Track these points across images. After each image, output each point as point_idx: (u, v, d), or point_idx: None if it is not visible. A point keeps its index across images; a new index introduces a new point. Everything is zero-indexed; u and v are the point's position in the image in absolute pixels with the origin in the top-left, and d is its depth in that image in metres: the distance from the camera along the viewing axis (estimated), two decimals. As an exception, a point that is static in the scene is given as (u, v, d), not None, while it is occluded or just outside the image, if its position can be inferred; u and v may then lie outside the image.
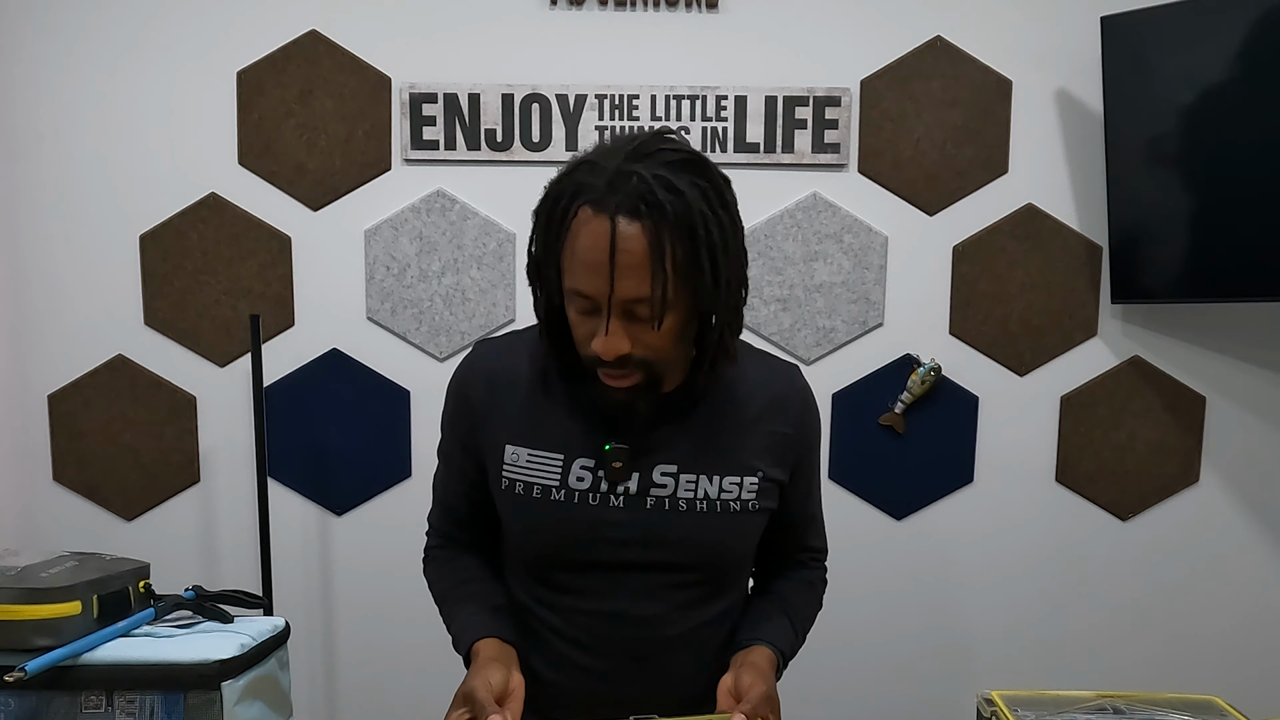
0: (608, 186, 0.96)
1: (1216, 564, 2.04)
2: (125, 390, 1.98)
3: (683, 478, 1.11)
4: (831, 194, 1.96)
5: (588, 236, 0.96)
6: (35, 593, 1.08)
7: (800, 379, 1.22)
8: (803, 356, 1.99)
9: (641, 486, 1.10)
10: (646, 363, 1.03)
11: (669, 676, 1.14)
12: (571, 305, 1.02)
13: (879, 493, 2.03)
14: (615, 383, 1.04)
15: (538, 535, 1.12)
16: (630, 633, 1.12)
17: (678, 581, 1.13)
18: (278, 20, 1.92)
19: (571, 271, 0.99)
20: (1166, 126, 1.81)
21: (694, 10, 1.93)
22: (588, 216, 0.96)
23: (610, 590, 1.12)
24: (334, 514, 2.03)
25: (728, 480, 1.12)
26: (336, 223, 1.97)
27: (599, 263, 0.95)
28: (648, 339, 1.00)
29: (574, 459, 1.11)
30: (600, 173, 0.97)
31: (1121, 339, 1.99)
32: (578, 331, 1.03)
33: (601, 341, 0.99)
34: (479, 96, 1.93)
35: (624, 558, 1.11)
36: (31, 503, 2.01)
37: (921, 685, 2.07)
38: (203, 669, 1.09)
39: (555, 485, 1.11)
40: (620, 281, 0.95)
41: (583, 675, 1.13)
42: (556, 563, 1.13)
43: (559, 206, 0.99)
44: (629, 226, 0.95)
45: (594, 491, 1.10)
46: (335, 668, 2.07)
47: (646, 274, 0.96)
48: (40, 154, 1.93)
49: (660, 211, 0.95)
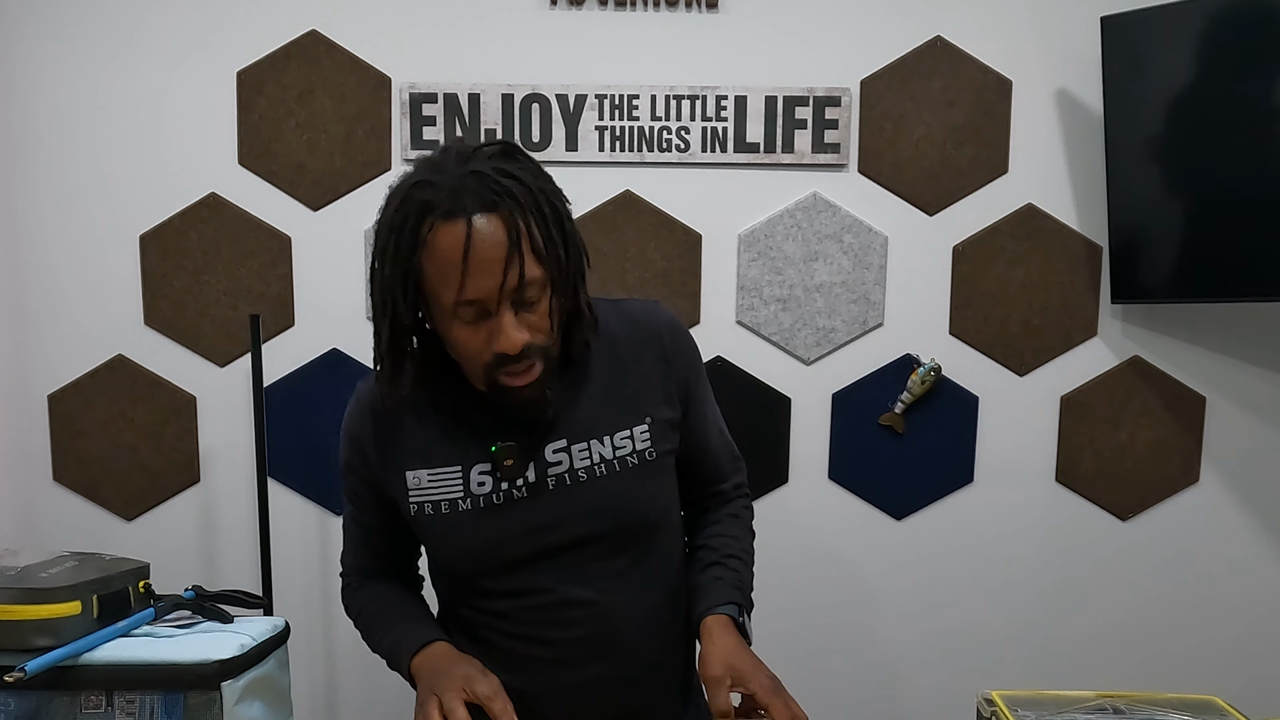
0: (451, 194, 0.98)
1: (1216, 564, 2.04)
2: (125, 390, 1.98)
3: (574, 449, 1.12)
4: (831, 194, 1.96)
5: (453, 246, 0.97)
6: (35, 593, 1.08)
7: (662, 312, 1.21)
8: (803, 356, 1.99)
9: (539, 472, 1.11)
10: (541, 348, 1.04)
11: (625, 650, 1.13)
12: (455, 321, 1.02)
13: (879, 493, 2.03)
14: (520, 380, 1.04)
15: (457, 549, 1.13)
16: (577, 615, 1.12)
17: (604, 552, 1.13)
18: (278, 20, 1.92)
19: (449, 286, 0.99)
20: (1166, 126, 1.80)
21: (694, 10, 1.93)
22: (446, 228, 0.97)
23: (544, 581, 1.12)
24: (334, 514, 2.03)
25: (618, 436, 1.13)
26: (336, 223, 1.97)
27: (478, 265, 0.97)
28: (535, 324, 1.02)
29: (471, 466, 1.12)
30: (438, 187, 0.98)
31: (1121, 339, 1.99)
32: (468, 346, 1.03)
33: (503, 338, 1.00)
34: (479, 96, 1.93)
35: (545, 545, 1.11)
36: (31, 503, 2.01)
37: (921, 685, 2.07)
38: (203, 669, 1.09)
39: (460, 497, 1.11)
40: (508, 272, 0.98)
41: (542, 669, 1.13)
42: (485, 570, 1.13)
43: (406, 230, 1.00)
44: (488, 222, 0.98)
45: (496, 492, 1.11)
46: (335, 668, 2.07)
47: (521, 253, 0.98)
48: (40, 154, 1.93)
49: (511, 198, 0.99)
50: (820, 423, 2.01)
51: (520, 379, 1.04)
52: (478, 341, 1.02)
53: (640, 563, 1.15)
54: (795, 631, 2.05)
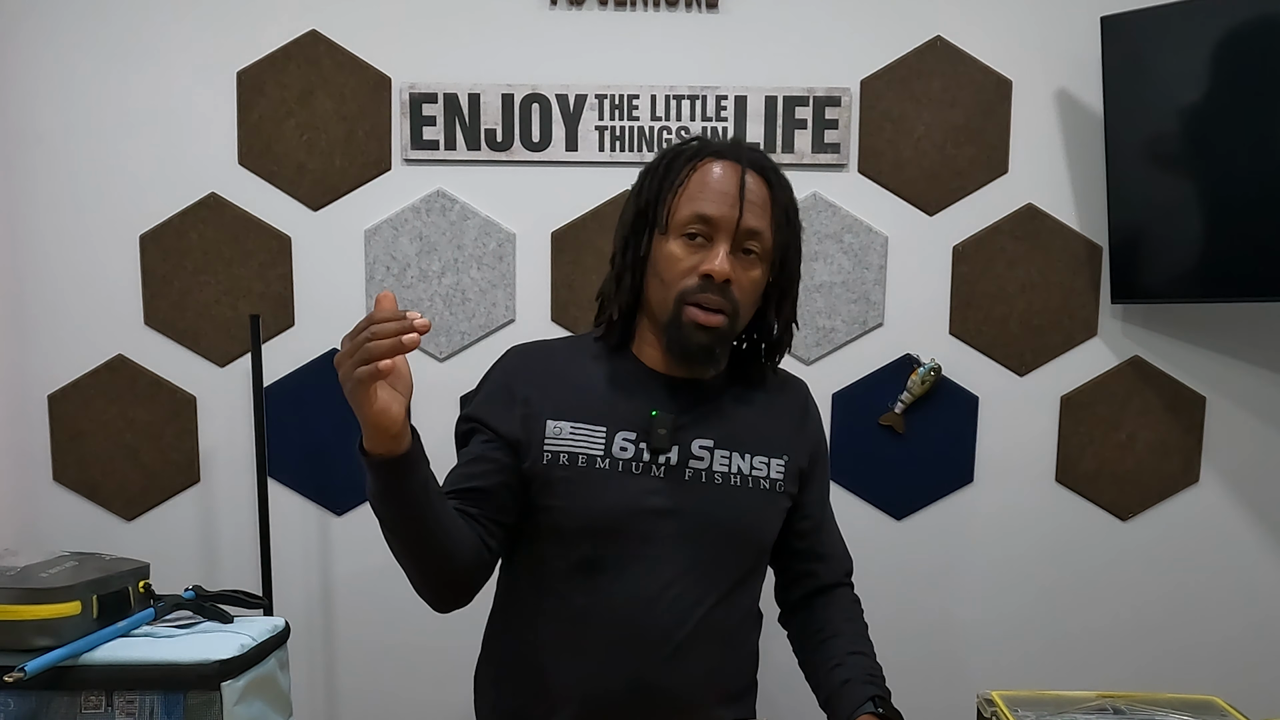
0: (732, 146, 1.16)
1: (1216, 564, 2.04)
2: (125, 390, 1.98)
3: (718, 453, 1.17)
4: (831, 194, 1.96)
5: (720, 172, 1.12)
6: (35, 593, 1.08)
7: (811, 395, 1.33)
8: (803, 356, 1.99)
9: (681, 458, 1.15)
10: (734, 303, 1.12)
11: (689, 662, 1.14)
12: (679, 237, 1.12)
13: (879, 493, 2.03)
14: (705, 317, 1.11)
15: (581, 503, 1.13)
16: (653, 612, 1.12)
17: (704, 560, 1.15)
18: (278, 20, 1.92)
19: (694, 201, 1.11)
20: (1166, 126, 1.81)
21: (694, 10, 1.93)
22: (716, 162, 1.13)
23: (638, 567, 1.12)
24: (334, 514, 2.03)
25: (758, 459, 1.19)
26: (336, 223, 1.97)
27: (730, 193, 1.11)
28: (743, 279, 1.12)
29: (616, 431, 1.15)
30: (719, 143, 1.16)
31: (1121, 339, 1.99)
32: (679, 265, 1.12)
33: (716, 260, 1.09)
34: (479, 96, 1.93)
35: (659, 530, 1.13)
36: (31, 503, 2.01)
37: (922, 685, 2.07)
38: (203, 669, 1.09)
39: (600, 455, 1.14)
40: (746, 213, 1.11)
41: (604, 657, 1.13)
42: (592, 534, 1.13)
43: (681, 158, 1.14)
44: (754, 177, 1.13)
45: (637, 461, 1.14)
46: (335, 668, 2.07)
47: (767, 215, 1.13)
48: (40, 154, 1.93)
49: (777, 175, 1.16)
50: (820, 423, 2.01)
51: (706, 316, 1.11)
52: (689, 261, 1.11)
53: (729, 579, 1.17)
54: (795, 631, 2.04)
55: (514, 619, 1.22)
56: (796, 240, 1.18)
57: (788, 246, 1.16)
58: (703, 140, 1.17)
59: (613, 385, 1.18)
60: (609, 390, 1.17)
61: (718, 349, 1.13)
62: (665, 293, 1.13)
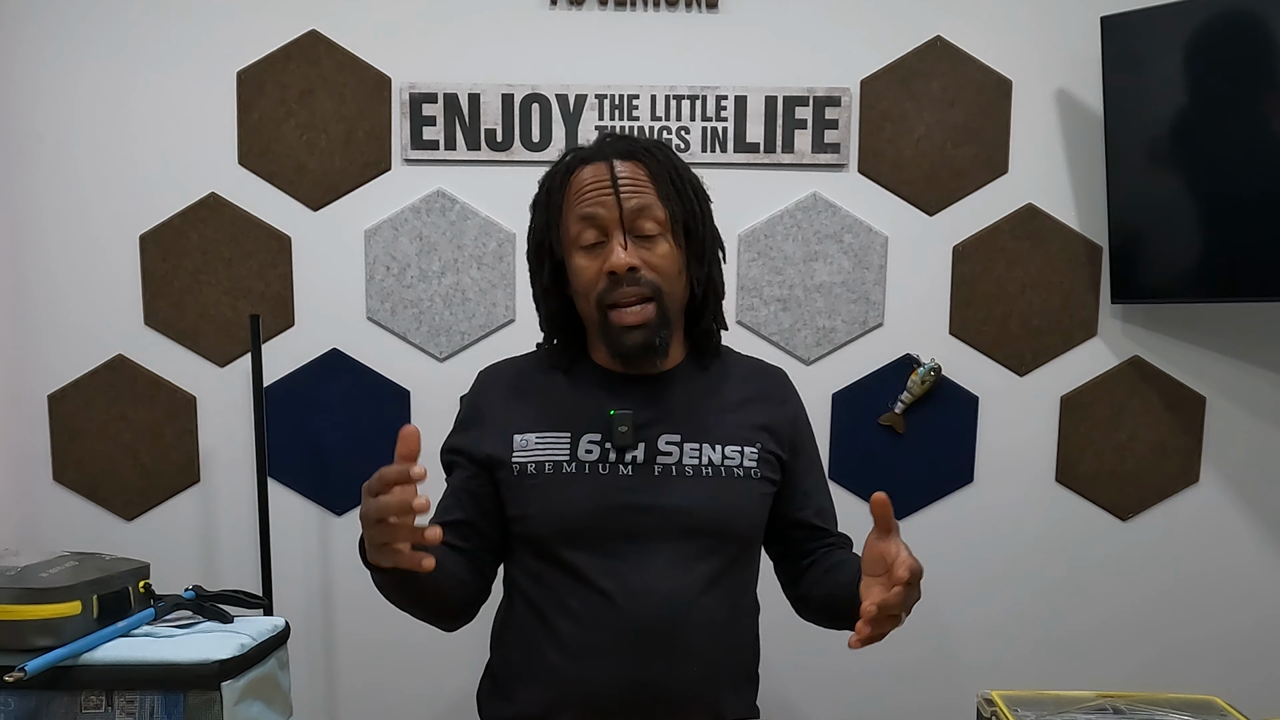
0: (598, 145, 1.16)
1: (1216, 564, 2.04)
2: (125, 390, 1.98)
3: (686, 446, 1.17)
4: (831, 194, 1.96)
5: (590, 174, 1.13)
6: (35, 593, 1.08)
7: (790, 381, 1.32)
8: (803, 356, 1.99)
9: (648, 455, 1.15)
10: (655, 287, 1.12)
11: (685, 655, 1.14)
12: (577, 247, 1.13)
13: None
14: (629, 315, 1.11)
15: (553, 508, 1.14)
16: (646, 608, 1.12)
17: (688, 552, 1.14)
18: (278, 20, 1.92)
19: (575, 210, 1.12)
20: (1166, 126, 1.80)
21: (694, 10, 1.93)
22: (585, 167, 1.14)
23: (623, 565, 1.13)
24: (334, 514, 2.03)
25: (729, 449, 1.18)
26: (336, 223, 1.97)
27: (604, 187, 1.11)
28: (650, 260, 1.12)
29: (580, 435, 1.16)
30: (587, 148, 1.16)
31: (1121, 339, 1.99)
32: (586, 272, 1.13)
33: (615, 256, 1.09)
34: (479, 96, 1.93)
35: (636, 526, 1.13)
36: (31, 503, 2.01)
37: (921, 685, 2.07)
38: (203, 669, 1.09)
39: (565, 460, 1.15)
40: (626, 200, 1.10)
41: (600, 657, 1.13)
42: (570, 538, 1.14)
43: (555, 179, 1.16)
44: (623, 163, 1.13)
45: (603, 462, 1.15)
46: (335, 668, 2.07)
47: (651, 190, 1.12)
48: (40, 154, 1.93)
49: (649, 153, 1.14)
50: (820, 423, 2.01)
51: (629, 315, 1.11)
52: (594, 268, 1.12)
53: (715, 569, 1.16)
54: (795, 631, 2.04)
55: (514, 626, 1.23)
56: (696, 203, 1.16)
57: (687, 211, 1.15)
58: (574, 150, 1.18)
59: (574, 391, 1.19)
60: (570, 397, 1.19)
61: (656, 339, 1.13)
62: (587, 305, 1.15)
